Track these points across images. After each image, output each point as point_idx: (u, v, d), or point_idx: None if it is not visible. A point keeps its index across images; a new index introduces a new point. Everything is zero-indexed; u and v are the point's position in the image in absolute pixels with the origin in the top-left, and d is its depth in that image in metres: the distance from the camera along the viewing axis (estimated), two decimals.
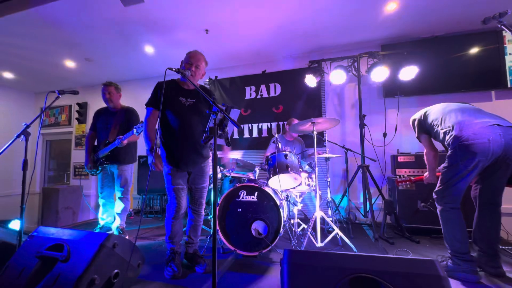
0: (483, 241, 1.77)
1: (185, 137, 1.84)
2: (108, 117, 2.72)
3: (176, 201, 1.87)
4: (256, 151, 3.98)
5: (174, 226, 1.90)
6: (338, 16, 2.93)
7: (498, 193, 1.76)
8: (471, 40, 3.13)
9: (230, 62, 4.16)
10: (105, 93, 2.68)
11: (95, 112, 2.82)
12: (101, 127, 2.71)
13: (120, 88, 2.79)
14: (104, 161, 2.64)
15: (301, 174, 2.36)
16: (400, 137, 3.41)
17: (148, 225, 3.36)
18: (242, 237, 2.16)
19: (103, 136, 2.67)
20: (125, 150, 2.68)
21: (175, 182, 1.87)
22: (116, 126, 2.67)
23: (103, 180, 2.75)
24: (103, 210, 2.81)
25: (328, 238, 2.24)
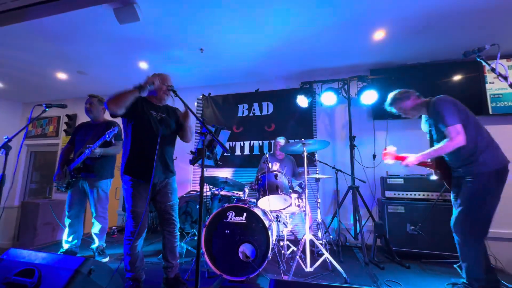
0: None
1: (147, 145, 1.78)
2: (88, 130, 2.62)
3: (137, 219, 1.71)
4: (247, 169, 3.95)
5: (134, 249, 1.74)
6: (328, 42, 3.06)
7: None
8: (454, 68, 3.29)
9: (223, 80, 4.22)
10: (86, 103, 2.62)
11: (75, 126, 2.72)
12: (79, 139, 2.59)
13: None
14: (75, 174, 2.48)
15: (291, 195, 2.34)
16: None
17: None
18: (229, 260, 2.08)
19: (78, 148, 2.55)
20: (101, 164, 2.55)
21: (138, 195, 1.74)
22: (94, 137, 2.52)
23: (72, 196, 2.53)
24: (68, 232, 2.53)
25: (318, 263, 2.18)
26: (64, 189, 2.54)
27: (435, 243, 2.61)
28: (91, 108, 2.63)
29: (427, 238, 2.64)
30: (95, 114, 2.65)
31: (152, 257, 2.66)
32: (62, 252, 2.53)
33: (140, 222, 1.69)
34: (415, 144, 2.08)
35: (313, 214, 3.10)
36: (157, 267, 2.35)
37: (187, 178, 4.20)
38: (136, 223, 1.72)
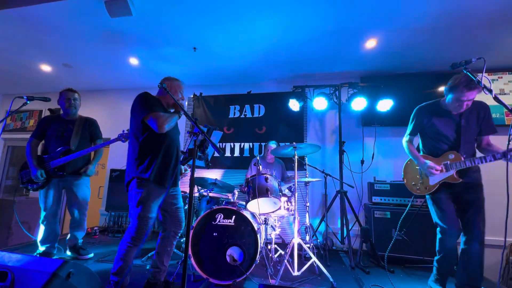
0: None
1: (173, 152, 1.76)
2: (64, 125, 2.49)
3: (147, 225, 1.65)
4: (237, 171, 3.91)
5: (131, 254, 1.64)
6: (321, 48, 3.10)
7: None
8: (441, 79, 3.41)
9: (216, 80, 4.19)
10: (70, 98, 2.49)
11: (42, 119, 2.55)
12: (53, 135, 2.44)
13: None
14: (58, 173, 2.37)
15: (280, 198, 2.33)
16: (377, 164, 3.54)
17: (115, 246, 3.09)
18: (216, 263, 2.04)
19: (56, 145, 2.41)
20: (82, 162, 2.51)
21: (155, 202, 1.67)
22: (77, 134, 2.46)
23: (50, 195, 2.39)
24: (45, 232, 2.41)
25: (305, 267, 2.18)
26: (35, 188, 2.38)
27: (418, 248, 2.67)
28: (75, 104, 2.54)
29: (411, 243, 2.70)
30: (76, 110, 2.57)
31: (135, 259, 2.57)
32: (39, 254, 2.41)
33: (150, 228, 1.66)
34: (402, 150, 2.12)
35: (301, 218, 3.10)
36: (140, 270, 2.27)
37: None
38: (143, 228, 1.63)
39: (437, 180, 1.89)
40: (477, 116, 1.88)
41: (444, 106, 1.93)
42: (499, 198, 1.87)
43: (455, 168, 1.82)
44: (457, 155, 1.84)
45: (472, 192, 1.83)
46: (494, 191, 2.05)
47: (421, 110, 2.01)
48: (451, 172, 1.84)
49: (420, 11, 2.42)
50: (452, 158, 1.85)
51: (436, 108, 1.96)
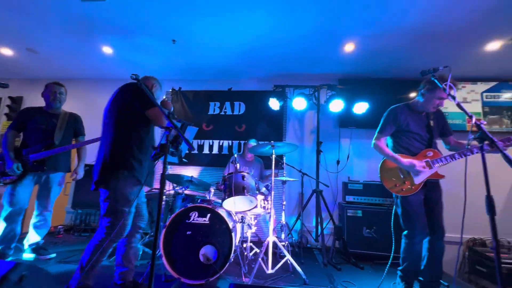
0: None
1: (148, 151, 1.72)
2: (47, 118, 2.38)
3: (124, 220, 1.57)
4: (215, 169, 3.85)
5: (104, 255, 1.55)
6: (302, 48, 3.14)
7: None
8: (413, 85, 3.58)
9: (196, 75, 4.08)
10: (56, 91, 2.40)
11: (22, 110, 2.41)
12: (35, 128, 2.32)
13: None
14: (37, 167, 2.24)
15: (257, 196, 2.33)
16: (352, 165, 3.66)
17: (80, 246, 2.90)
18: (189, 263, 1.98)
19: (37, 138, 2.29)
20: (64, 156, 2.43)
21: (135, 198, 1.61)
22: (61, 129, 2.39)
23: (20, 190, 2.22)
24: (2, 232, 2.20)
25: (279, 265, 2.20)
26: (7, 182, 2.21)
27: (387, 245, 2.81)
28: (61, 98, 2.44)
29: (380, 241, 2.83)
30: (61, 104, 2.48)
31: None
32: None
33: (130, 223, 1.61)
34: (376, 152, 2.19)
35: (277, 216, 3.13)
36: (108, 271, 2.15)
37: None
38: (125, 224, 1.56)
39: (422, 178, 1.88)
40: (438, 119, 2.03)
41: (414, 107, 2.03)
42: (456, 196, 1.98)
43: (438, 165, 1.87)
44: (436, 152, 1.90)
45: (435, 190, 1.93)
46: (452, 189, 2.16)
47: (396, 110, 2.04)
48: (434, 169, 1.88)
49: (396, 20, 2.54)
50: (431, 156, 1.90)
51: (409, 109, 2.05)
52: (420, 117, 2.01)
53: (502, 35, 2.66)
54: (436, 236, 1.87)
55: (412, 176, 1.91)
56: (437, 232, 1.87)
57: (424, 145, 1.97)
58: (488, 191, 1.25)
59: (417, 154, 1.95)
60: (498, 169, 2.17)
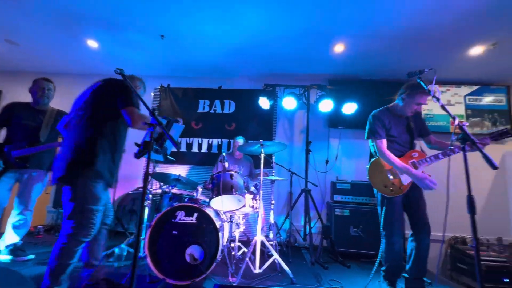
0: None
1: (121, 149, 1.67)
2: (34, 115, 2.32)
3: (95, 220, 1.51)
4: (204, 167, 3.81)
5: (73, 257, 1.46)
6: (292, 47, 3.14)
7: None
8: (398, 87, 3.67)
9: (185, 72, 4.02)
10: (44, 88, 2.34)
11: (8, 105, 2.33)
12: (20, 124, 2.26)
13: None
14: (20, 163, 2.17)
15: (245, 196, 2.31)
16: (340, 165, 3.70)
17: None
18: (174, 263, 1.94)
19: (22, 134, 2.23)
20: (49, 154, 2.36)
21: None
22: (47, 126, 2.33)
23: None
24: None
25: (267, 264, 2.18)
26: None
27: (373, 244, 2.85)
28: (49, 94, 2.38)
29: (367, 239, 2.88)
30: (49, 100, 2.41)
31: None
32: None
33: (99, 222, 1.54)
34: (364, 152, 2.23)
35: (266, 215, 3.12)
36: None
37: (136, 173, 3.86)
38: (93, 223, 1.48)
39: (410, 179, 1.90)
40: (416, 120, 2.08)
41: (394, 111, 2.07)
42: (439, 195, 2.03)
43: (423, 165, 1.91)
44: (421, 153, 1.95)
45: (416, 189, 1.95)
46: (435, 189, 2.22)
47: (379, 115, 2.07)
48: (420, 169, 1.92)
49: (385, 24, 2.58)
50: (416, 156, 1.94)
51: (389, 112, 2.08)
52: (400, 120, 2.06)
53: (485, 40, 2.76)
54: (422, 233, 1.90)
55: (400, 178, 1.94)
56: (423, 229, 1.90)
57: (406, 148, 2.02)
58: (469, 191, 1.28)
59: (402, 156, 1.98)
60: (479, 170, 2.24)
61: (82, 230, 1.43)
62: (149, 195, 2.52)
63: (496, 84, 3.69)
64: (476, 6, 2.28)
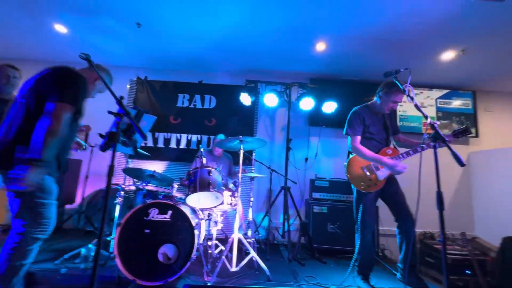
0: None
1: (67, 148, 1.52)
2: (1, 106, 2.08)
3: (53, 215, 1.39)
4: (183, 164, 3.69)
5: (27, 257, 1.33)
6: (275, 43, 3.11)
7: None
8: (376, 88, 3.78)
9: (164, 65, 3.85)
10: (9, 75, 2.14)
11: None
12: None
13: None
14: None
15: (223, 192, 2.25)
16: (319, 163, 3.75)
17: None
18: (146, 263, 1.85)
19: None
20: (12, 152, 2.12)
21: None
22: (9, 115, 2.08)
23: None
24: None
25: (244, 262, 2.15)
26: None
27: (349, 240, 2.92)
28: (14, 82, 2.16)
29: (343, 236, 2.94)
30: (13, 89, 2.19)
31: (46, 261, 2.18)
32: None
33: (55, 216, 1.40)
34: (343, 150, 2.27)
35: (245, 213, 3.09)
36: (52, 275, 1.92)
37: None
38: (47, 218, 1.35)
39: (385, 175, 1.99)
40: (391, 119, 2.20)
41: (373, 108, 2.15)
42: (409, 192, 2.11)
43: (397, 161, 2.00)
44: (394, 149, 2.05)
45: (392, 183, 2.07)
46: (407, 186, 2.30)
47: (359, 111, 2.13)
48: None
49: (365, 25, 2.63)
50: (390, 153, 2.03)
51: (368, 110, 2.16)
52: (377, 117, 2.15)
53: (455, 46, 2.90)
54: (407, 224, 1.96)
55: (376, 174, 2.01)
56: (407, 220, 1.96)
57: (382, 145, 2.11)
58: (438, 187, 1.33)
59: (377, 153, 2.04)
60: (445, 168, 2.35)
61: (37, 227, 1.30)
62: (120, 192, 2.38)
63: (464, 89, 3.92)
64: (448, 14, 2.38)
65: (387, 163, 1.94)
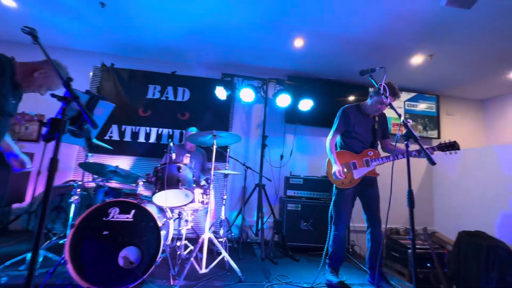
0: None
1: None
2: None
3: None
4: (152, 159, 3.45)
5: None
6: (252, 37, 3.00)
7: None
8: (352, 89, 3.88)
9: (133, 52, 3.57)
10: None
11: None
12: None
13: None
14: None
15: (194, 190, 2.12)
16: (294, 160, 3.75)
17: None
18: (104, 268, 1.67)
19: None
20: None
21: None
22: None
23: None
24: None
25: (214, 263, 2.05)
26: None
27: (321, 237, 2.95)
28: None
29: (315, 233, 2.97)
30: None
31: None
32: None
33: None
34: (318, 148, 2.27)
35: (217, 211, 2.98)
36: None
37: (67, 163, 3.30)
38: None
39: (361, 174, 2.06)
40: (382, 122, 2.22)
41: (364, 109, 2.17)
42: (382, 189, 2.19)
43: (375, 164, 2.07)
44: (375, 152, 2.11)
45: (372, 186, 2.13)
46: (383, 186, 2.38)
47: (347, 110, 2.17)
48: (372, 167, 2.07)
49: (342, 24, 2.63)
50: (371, 155, 2.09)
51: (359, 110, 2.18)
52: (367, 119, 2.16)
53: (424, 51, 3.04)
54: (374, 227, 2.07)
55: (353, 172, 2.08)
56: (375, 223, 2.07)
57: (366, 146, 2.14)
58: (409, 185, 1.35)
59: (359, 153, 2.11)
60: (411, 166, 2.47)
61: None
62: (77, 190, 2.13)
63: (429, 92, 4.17)
64: (420, 18, 2.46)
65: (333, 165, 2.06)
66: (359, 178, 2.06)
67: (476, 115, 4.39)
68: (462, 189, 3.42)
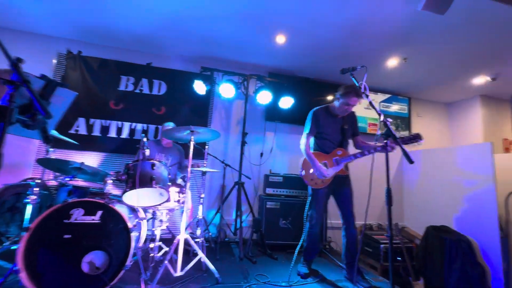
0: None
1: None
2: None
3: None
4: (124, 156, 3.23)
5: None
6: (232, 30, 2.90)
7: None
8: (330, 89, 3.93)
9: (102, 40, 3.30)
10: None
11: None
12: None
13: None
14: None
15: (169, 189, 2.00)
16: (274, 158, 3.73)
17: None
18: (65, 276, 1.50)
19: None
20: None
21: None
22: None
23: None
24: None
25: (190, 265, 1.95)
26: None
27: (299, 234, 2.96)
28: None
29: (294, 231, 2.97)
30: None
31: None
32: None
33: None
34: (297, 146, 2.26)
35: (195, 210, 2.86)
36: None
37: (24, 160, 2.97)
38: None
39: (332, 173, 2.12)
40: (351, 121, 2.30)
41: (332, 111, 2.25)
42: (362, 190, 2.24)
43: (343, 162, 2.13)
44: (344, 151, 2.18)
45: (344, 185, 2.21)
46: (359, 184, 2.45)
47: (317, 113, 2.24)
48: (341, 166, 2.14)
49: (323, 22, 2.62)
50: (340, 154, 2.16)
51: (327, 112, 2.26)
52: (335, 120, 2.23)
53: (399, 54, 3.16)
54: (348, 224, 2.15)
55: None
56: (349, 220, 2.15)
57: (335, 145, 2.21)
58: (388, 184, 1.37)
59: (329, 153, 2.18)
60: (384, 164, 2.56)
61: None
62: (33, 189, 1.91)
63: (402, 94, 4.37)
64: (396, 22, 2.54)
65: (315, 166, 2.09)
66: (331, 177, 2.13)
67: (442, 117, 4.69)
68: (427, 186, 3.65)
